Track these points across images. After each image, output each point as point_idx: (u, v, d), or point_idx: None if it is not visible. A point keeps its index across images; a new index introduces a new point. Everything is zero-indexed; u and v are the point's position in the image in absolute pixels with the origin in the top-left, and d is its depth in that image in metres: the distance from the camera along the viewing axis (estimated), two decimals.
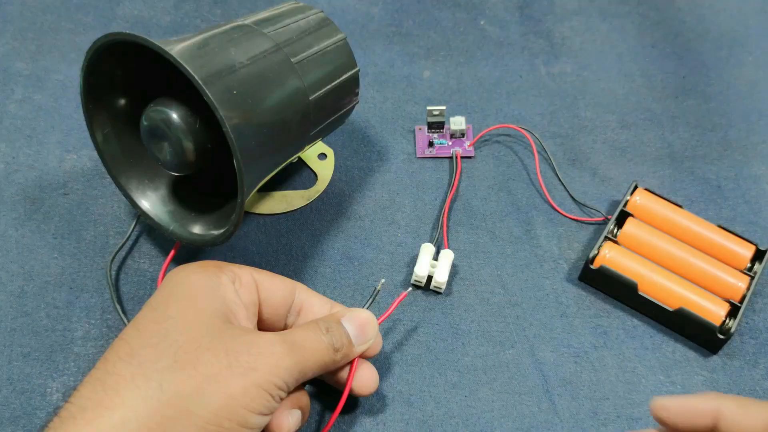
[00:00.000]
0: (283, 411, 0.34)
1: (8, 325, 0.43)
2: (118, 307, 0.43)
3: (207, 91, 0.34)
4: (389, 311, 0.40)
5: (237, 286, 0.35)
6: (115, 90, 0.42)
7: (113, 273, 0.45)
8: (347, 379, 0.37)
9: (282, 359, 0.32)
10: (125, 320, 0.43)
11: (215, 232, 0.41)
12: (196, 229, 0.42)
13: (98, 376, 0.31)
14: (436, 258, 0.45)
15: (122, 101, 0.43)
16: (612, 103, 0.56)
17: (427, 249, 0.45)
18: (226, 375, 0.31)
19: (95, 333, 0.43)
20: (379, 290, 0.40)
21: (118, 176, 0.44)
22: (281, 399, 0.33)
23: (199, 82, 0.34)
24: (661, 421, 0.31)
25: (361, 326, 0.36)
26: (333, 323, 0.36)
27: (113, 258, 0.45)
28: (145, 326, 0.32)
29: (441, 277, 0.44)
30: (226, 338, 0.32)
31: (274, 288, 0.37)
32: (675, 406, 0.31)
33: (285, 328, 0.39)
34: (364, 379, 0.37)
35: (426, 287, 0.45)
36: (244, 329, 0.34)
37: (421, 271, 0.44)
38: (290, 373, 0.33)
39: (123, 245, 0.45)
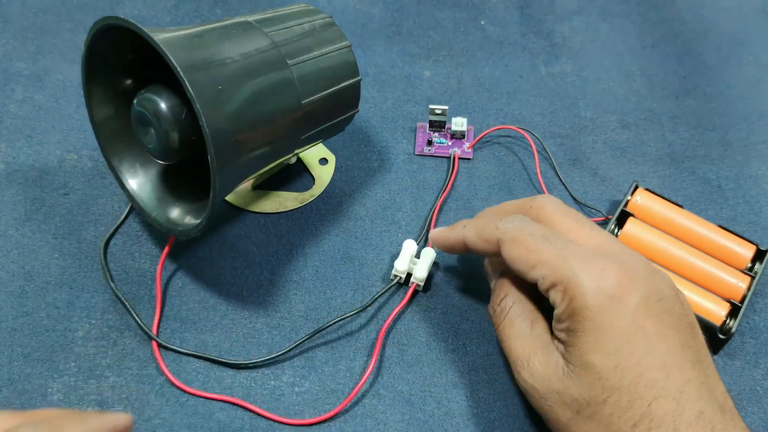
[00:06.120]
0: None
1: (8, 325, 0.43)
2: (112, 285, 0.44)
3: (185, 80, 0.34)
4: (408, 294, 0.44)
5: None
6: (116, 72, 0.42)
7: (107, 252, 0.45)
8: None
9: None
10: (123, 299, 0.43)
11: (190, 223, 0.41)
12: (174, 215, 0.43)
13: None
14: (418, 256, 0.45)
15: (126, 82, 0.43)
16: (612, 103, 0.56)
17: (408, 246, 0.45)
18: None
19: (96, 333, 0.43)
20: (394, 282, 0.45)
21: (111, 157, 0.44)
22: None
23: (179, 69, 0.34)
24: (437, 248, 0.43)
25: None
26: None
27: (107, 240, 0.46)
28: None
29: (420, 273, 0.44)
30: None
31: None
32: (436, 237, 0.42)
33: None
34: None
35: (406, 283, 0.45)
36: None
37: (400, 266, 0.44)
38: None
39: (118, 228, 0.47)
